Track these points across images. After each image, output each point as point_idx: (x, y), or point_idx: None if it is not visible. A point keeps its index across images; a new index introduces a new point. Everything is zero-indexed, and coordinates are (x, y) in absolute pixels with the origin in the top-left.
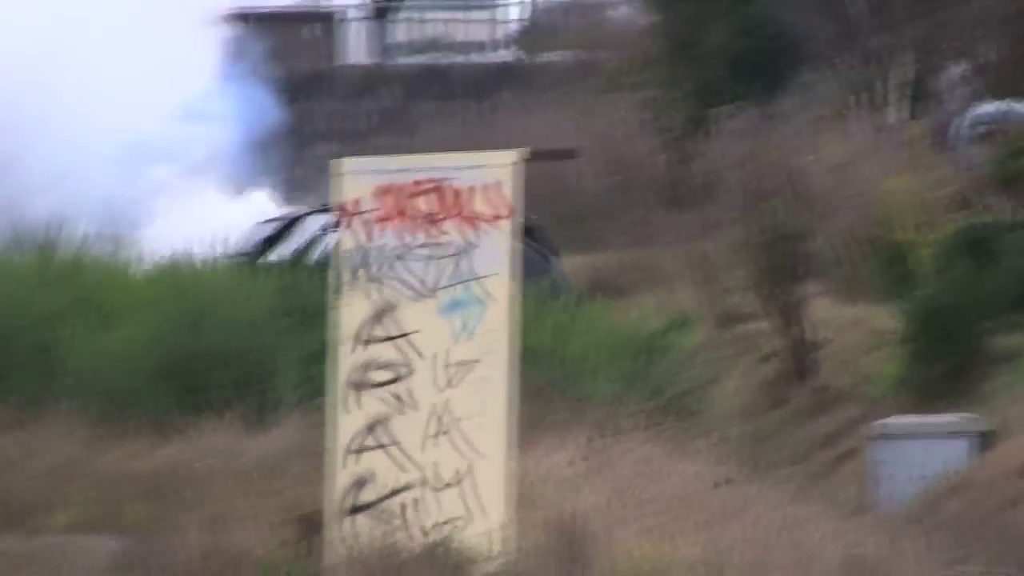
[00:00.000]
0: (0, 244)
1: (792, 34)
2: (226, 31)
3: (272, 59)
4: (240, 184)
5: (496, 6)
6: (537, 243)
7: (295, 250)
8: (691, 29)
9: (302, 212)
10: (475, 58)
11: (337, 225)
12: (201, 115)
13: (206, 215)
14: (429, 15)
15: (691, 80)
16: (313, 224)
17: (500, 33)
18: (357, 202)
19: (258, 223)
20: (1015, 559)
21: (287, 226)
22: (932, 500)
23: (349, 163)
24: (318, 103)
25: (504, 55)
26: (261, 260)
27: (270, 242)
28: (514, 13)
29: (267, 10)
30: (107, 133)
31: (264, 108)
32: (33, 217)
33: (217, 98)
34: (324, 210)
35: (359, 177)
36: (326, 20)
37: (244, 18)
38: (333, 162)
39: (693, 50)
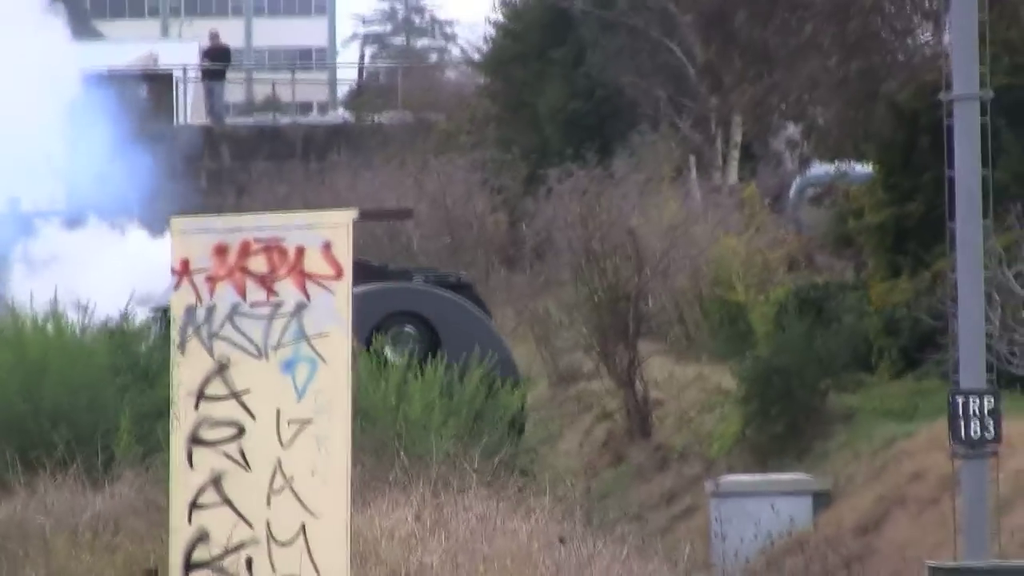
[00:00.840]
0: None
1: (625, 96)
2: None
3: (112, 118)
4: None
5: (328, 67)
6: (471, 301)
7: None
8: (525, 91)
9: None
10: (309, 119)
11: (176, 284)
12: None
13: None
14: (262, 76)
15: (526, 140)
16: None
17: (334, 94)
18: (189, 261)
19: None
20: None
21: None
22: (772, 558)
23: (184, 222)
24: (155, 162)
25: (338, 116)
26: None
27: None
28: (347, 74)
29: (107, 70)
30: None
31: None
32: None
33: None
34: None
35: (194, 236)
36: (165, 80)
37: (87, 78)
38: (173, 220)
39: (527, 111)
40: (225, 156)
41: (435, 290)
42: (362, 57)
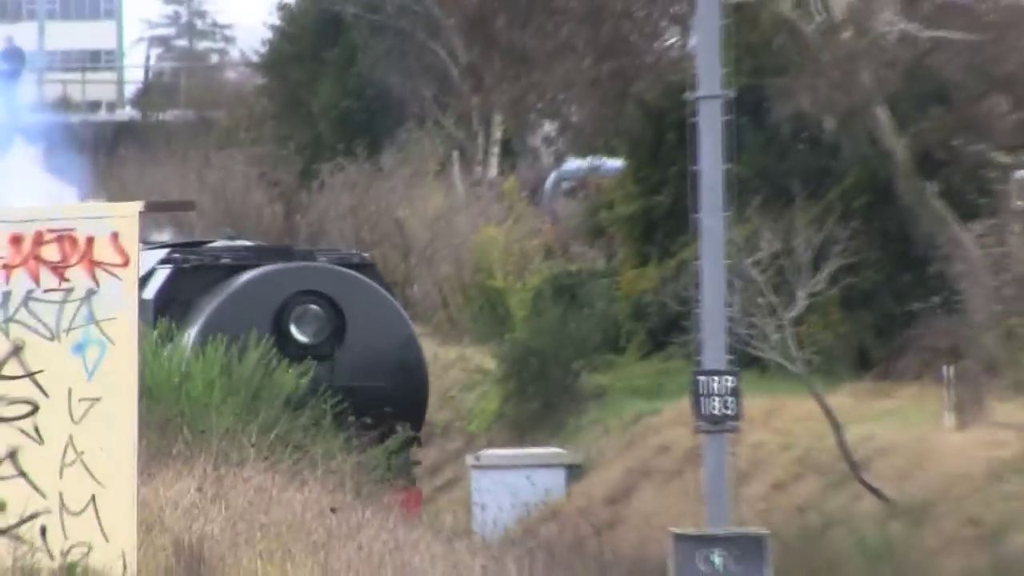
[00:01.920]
0: None
1: (393, 95)
2: None
3: None
4: None
5: (116, 68)
6: (374, 280)
7: None
8: (300, 90)
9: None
10: (98, 117)
11: None
12: None
13: None
14: (52, 76)
15: (301, 137)
16: (147, 259)
17: (122, 93)
18: None
19: None
20: None
21: None
22: (529, 526)
23: None
24: None
25: (125, 114)
26: None
27: None
28: (134, 75)
29: None
30: None
31: None
32: None
33: None
34: (156, 246)
35: None
36: None
37: None
38: None
39: (302, 109)
40: None
41: (339, 269)
42: (148, 58)
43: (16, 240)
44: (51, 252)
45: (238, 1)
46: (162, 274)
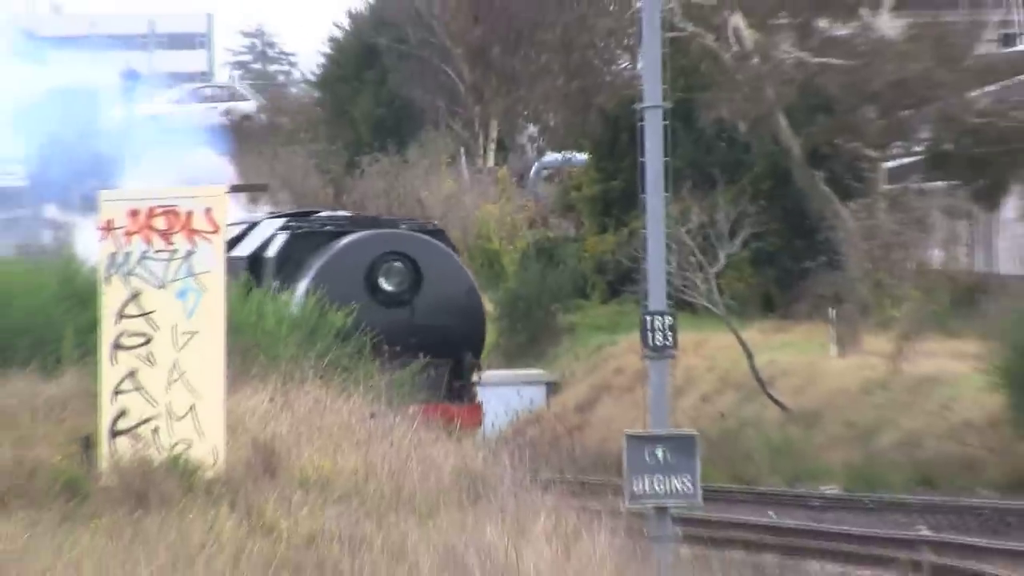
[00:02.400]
0: None
1: (416, 105)
2: None
3: None
4: None
5: (209, 86)
6: (443, 243)
7: (255, 248)
8: (345, 102)
9: (258, 218)
10: None
11: (102, 237)
12: None
13: None
14: (160, 93)
15: (346, 137)
16: (268, 227)
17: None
18: (112, 221)
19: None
20: (573, 468)
21: (248, 229)
22: (518, 428)
23: (107, 193)
24: None
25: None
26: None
27: (233, 242)
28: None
29: None
30: None
31: None
32: None
33: None
34: (275, 216)
35: (114, 203)
36: None
37: None
38: (101, 192)
39: (346, 116)
40: None
41: (417, 234)
42: (231, 78)
43: (134, 213)
44: (160, 223)
45: (299, 33)
46: (280, 238)
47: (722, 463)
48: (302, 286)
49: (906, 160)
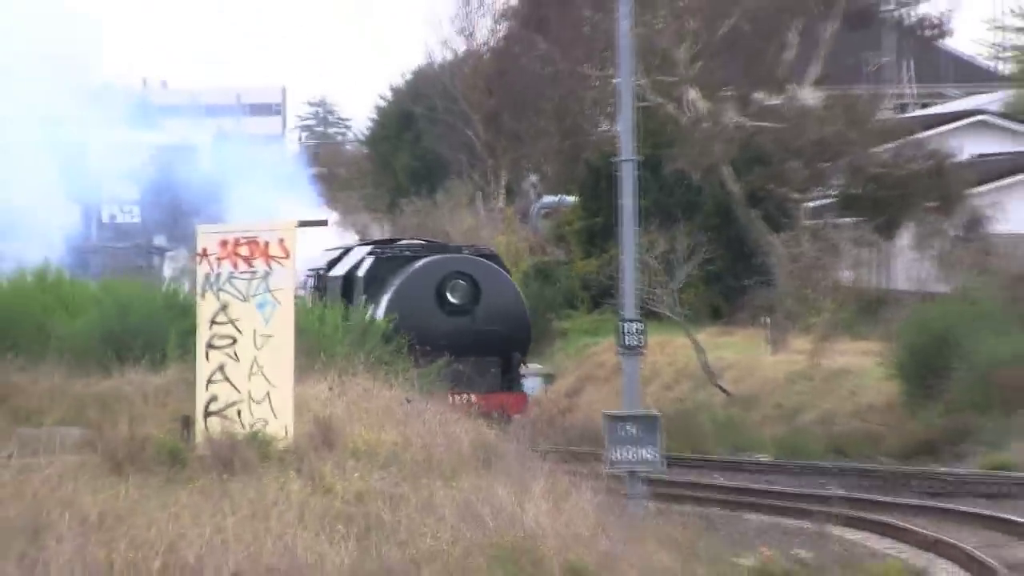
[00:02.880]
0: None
1: (443, 159)
2: None
3: None
4: None
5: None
6: (497, 264)
7: (348, 268)
8: (388, 156)
9: (352, 244)
10: None
11: (199, 261)
12: None
13: None
14: None
15: (389, 183)
16: (359, 252)
17: None
18: (207, 249)
19: (325, 250)
20: (565, 440)
21: (344, 253)
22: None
23: (203, 227)
24: None
25: None
26: (329, 274)
27: (332, 264)
28: (291, 148)
29: None
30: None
31: None
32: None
33: None
34: (364, 243)
35: (208, 235)
36: None
37: None
38: (198, 226)
39: (389, 167)
40: None
41: (476, 258)
42: (300, 138)
43: (224, 243)
44: (244, 250)
45: (353, 102)
46: (368, 261)
47: (680, 437)
48: (385, 299)
49: (823, 201)
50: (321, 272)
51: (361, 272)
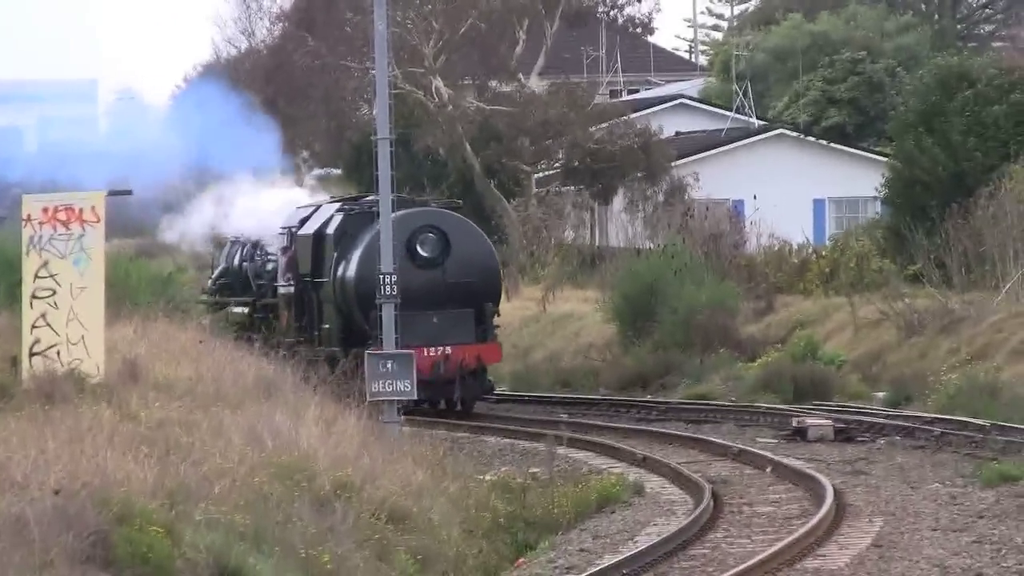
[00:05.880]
0: None
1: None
2: None
3: None
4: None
5: None
6: (464, 215)
7: (318, 226)
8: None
9: (321, 202)
10: None
11: (24, 225)
12: None
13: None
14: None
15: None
16: (328, 209)
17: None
18: (31, 215)
19: (297, 207)
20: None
21: (315, 211)
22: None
23: (30, 197)
24: None
25: None
26: (299, 232)
27: (303, 222)
28: None
29: None
30: None
31: None
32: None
33: None
34: (333, 201)
35: (32, 203)
36: None
37: None
38: (24, 197)
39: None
40: None
41: (444, 211)
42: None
43: (45, 210)
44: (62, 215)
45: (162, 92)
46: (337, 218)
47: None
48: (355, 256)
49: (549, 172)
50: (293, 230)
51: (330, 230)
